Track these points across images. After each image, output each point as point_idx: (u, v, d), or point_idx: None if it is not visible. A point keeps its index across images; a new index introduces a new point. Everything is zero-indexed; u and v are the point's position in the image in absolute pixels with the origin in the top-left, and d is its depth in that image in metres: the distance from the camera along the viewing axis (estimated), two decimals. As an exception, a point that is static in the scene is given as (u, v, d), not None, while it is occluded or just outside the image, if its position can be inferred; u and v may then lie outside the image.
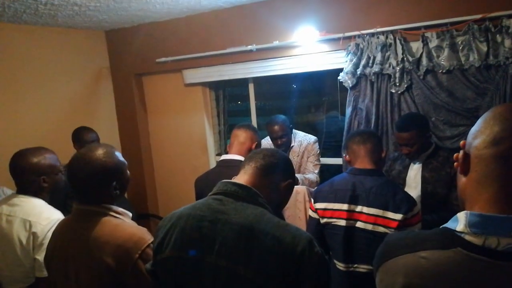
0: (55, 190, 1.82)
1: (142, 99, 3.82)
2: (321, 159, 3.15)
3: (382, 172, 1.80)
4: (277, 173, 1.19)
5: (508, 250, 0.65)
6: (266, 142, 2.90)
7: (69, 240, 1.33)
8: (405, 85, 2.57)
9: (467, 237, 0.69)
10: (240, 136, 2.02)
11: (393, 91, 2.61)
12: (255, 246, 0.97)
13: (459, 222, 0.72)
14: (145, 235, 1.29)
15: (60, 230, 1.41)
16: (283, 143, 2.70)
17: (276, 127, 2.70)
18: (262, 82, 3.62)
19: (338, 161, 3.14)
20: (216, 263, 1.00)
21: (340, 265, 1.73)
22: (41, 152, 1.77)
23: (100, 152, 1.35)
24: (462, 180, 0.80)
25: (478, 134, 0.75)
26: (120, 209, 1.40)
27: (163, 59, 3.41)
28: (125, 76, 3.72)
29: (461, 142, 0.80)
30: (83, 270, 1.28)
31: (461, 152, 0.79)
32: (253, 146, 1.99)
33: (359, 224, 1.67)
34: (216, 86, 3.70)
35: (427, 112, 2.48)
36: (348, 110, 2.81)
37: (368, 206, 1.65)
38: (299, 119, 4.04)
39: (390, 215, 1.60)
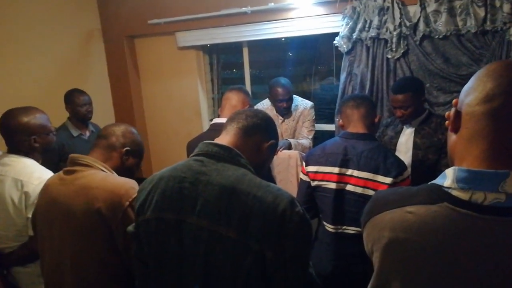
0: (46, 150, 1.81)
1: (134, 62, 3.75)
2: (315, 125, 3.16)
3: (375, 137, 1.80)
4: (260, 134, 1.17)
5: (495, 205, 0.65)
6: (262, 107, 2.88)
7: (56, 195, 1.36)
8: (402, 51, 2.54)
9: (454, 192, 0.69)
10: (232, 99, 2.00)
11: (389, 56, 2.59)
12: (237, 206, 0.97)
13: (447, 177, 0.72)
14: (135, 186, 1.32)
15: (47, 188, 1.43)
16: (288, 106, 2.69)
17: (281, 90, 2.66)
18: (256, 50, 3.55)
19: (331, 127, 3.15)
20: (197, 224, 0.99)
21: (329, 227, 1.76)
22: (31, 112, 1.75)
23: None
24: (452, 138, 0.79)
25: (471, 91, 0.74)
26: (110, 169, 1.43)
27: (155, 20, 3.32)
28: (116, 38, 3.63)
29: (454, 100, 0.80)
30: (70, 224, 1.31)
31: (453, 109, 0.78)
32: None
33: (349, 187, 1.69)
34: (210, 52, 3.63)
35: (422, 78, 2.45)
36: (343, 76, 2.78)
37: (359, 169, 1.67)
38: (294, 87, 4.00)
39: (380, 178, 1.62)
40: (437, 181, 0.75)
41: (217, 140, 1.15)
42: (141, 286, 1.19)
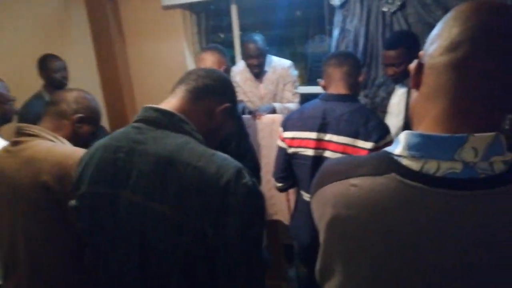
0: (3, 121, 1.70)
1: (119, 25, 3.54)
2: (307, 87, 2.97)
3: (357, 98, 1.64)
4: (212, 96, 1.03)
5: (449, 176, 0.54)
6: (237, 69, 2.68)
7: (2, 169, 1.26)
8: (399, 3, 2.32)
9: (405, 161, 0.58)
10: (207, 60, 1.84)
11: (385, 9, 2.37)
12: (173, 179, 0.85)
13: (399, 143, 0.60)
14: None
15: None
16: (260, 63, 2.48)
17: (252, 45, 2.43)
18: (246, 12, 3.32)
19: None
20: (131, 199, 0.89)
21: (306, 196, 1.64)
22: None
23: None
24: (413, 95, 0.66)
25: (435, 38, 0.61)
26: (62, 139, 1.32)
27: (136, -23, 3.10)
28: (98, -2, 3.42)
29: (420, 52, 0.65)
30: (18, 199, 1.22)
31: (415, 62, 0.65)
32: (221, 71, 1.81)
33: (327, 154, 1.55)
34: (197, 14, 3.41)
35: (420, 33, 2.23)
36: (335, 32, 2.57)
37: (338, 134, 1.52)
38: (289, 50, 3.77)
39: (360, 143, 1.47)
40: (390, 148, 0.63)
41: (161, 104, 1.01)
42: (89, 263, 1.11)
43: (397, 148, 0.60)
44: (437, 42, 0.60)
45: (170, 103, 1.00)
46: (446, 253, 0.54)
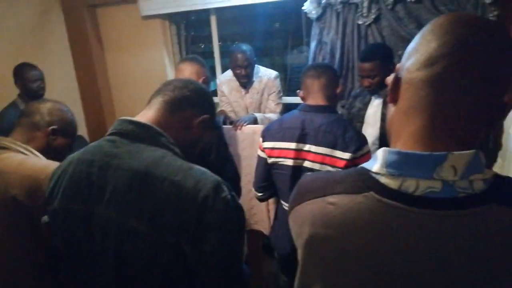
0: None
1: (97, 34, 3.52)
2: (286, 98, 3.01)
3: (335, 109, 1.68)
4: (190, 108, 1.01)
5: (428, 196, 0.53)
6: (224, 78, 2.71)
7: None
8: (373, 16, 2.39)
9: (383, 179, 0.57)
10: (185, 70, 1.84)
11: (360, 22, 2.43)
12: (149, 194, 0.83)
13: (377, 160, 0.59)
14: None
15: None
16: (247, 74, 2.50)
17: (240, 55, 2.45)
18: (226, 22, 3.36)
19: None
20: (106, 215, 0.86)
21: (286, 206, 1.66)
22: None
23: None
24: (391, 110, 0.66)
25: (413, 52, 0.60)
26: (35, 151, 1.29)
27: (115, -13, 3.09)
28: (77, 7, 3.37)
29: (397, 65, 0.65)
30: None
31: (393, 76, 0.64)
32: (200, 82, 1.82)
33: (306, 164, 1.58)
34: (177, 24, 3.42)
35: (394, 46, 2.31)
36: (313, 44, 2.62)
37: (316, 145, 1.55)
38: (269, 60, 3.82)
39: (338, 154, 1.50)
40: (367, 164, 0.62)
41: (137, 116, 0.99)
42: (65, 279, 1.07)
43: (375, 165, 0.59)
44: (414, 56, 0.59)
45: (146, 115, 0.98)
46: (426, 274, 0.53)
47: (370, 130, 2.05)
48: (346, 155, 1.48)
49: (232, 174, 1.81)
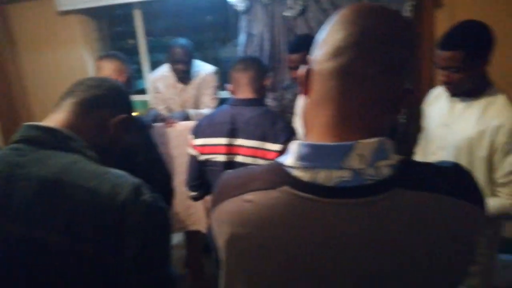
0: None
1: (8, 32, 3.20)
2: (223, 92, 2.96)
3: (263, 101, 1.66)
4: (104, 108, 0.95)
5: (340, 185, 0.53)
6: (160, 73, 2.61)
7: None
8: (300, 8, 2.41)
9: (296, 173, 0.57)
10: (104, 68, 1.72)
11: (288, 14, 2.44)
12: (62, 203, 0.77)
13: (291, 154, 0.59)
14: None
15: None
16: (186, 68, 2.45)
17: (178, 50, 2.41)
18: (153, 18, 3.22)
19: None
20: (13, 231, 0.79)
21: (221, 203, 1.62)
22: None
23: None
24: (305, 103, 0.66)
25: (322, 43, 0.61)
26: None
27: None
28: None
29: (309, 57, 0.65)
30: None
31: (304, 67, 0.64)
32: (122, 80, 1.71)
33: (238, 158, 1.54)
34: (98, 20, 3.21)
35: (320, 37, 2.35)
36: (241, 37, 2.59)
37: (247, 138, 1.52)
38: (201, 55, 3.75)
39: (269, 146, 1.49)
40: (281, 158, 0.61)
41: (45, 120, 0.91)
42: None
43: (289, 159, 0.58)
44: (323, 47, 0.59)
45: (55, 118, 0.91)
46: (344, 264, 0.54)
47: (300, 120, 2.07)
48: (277, 147, 1.48)
49: (162, 174, 1.73)
